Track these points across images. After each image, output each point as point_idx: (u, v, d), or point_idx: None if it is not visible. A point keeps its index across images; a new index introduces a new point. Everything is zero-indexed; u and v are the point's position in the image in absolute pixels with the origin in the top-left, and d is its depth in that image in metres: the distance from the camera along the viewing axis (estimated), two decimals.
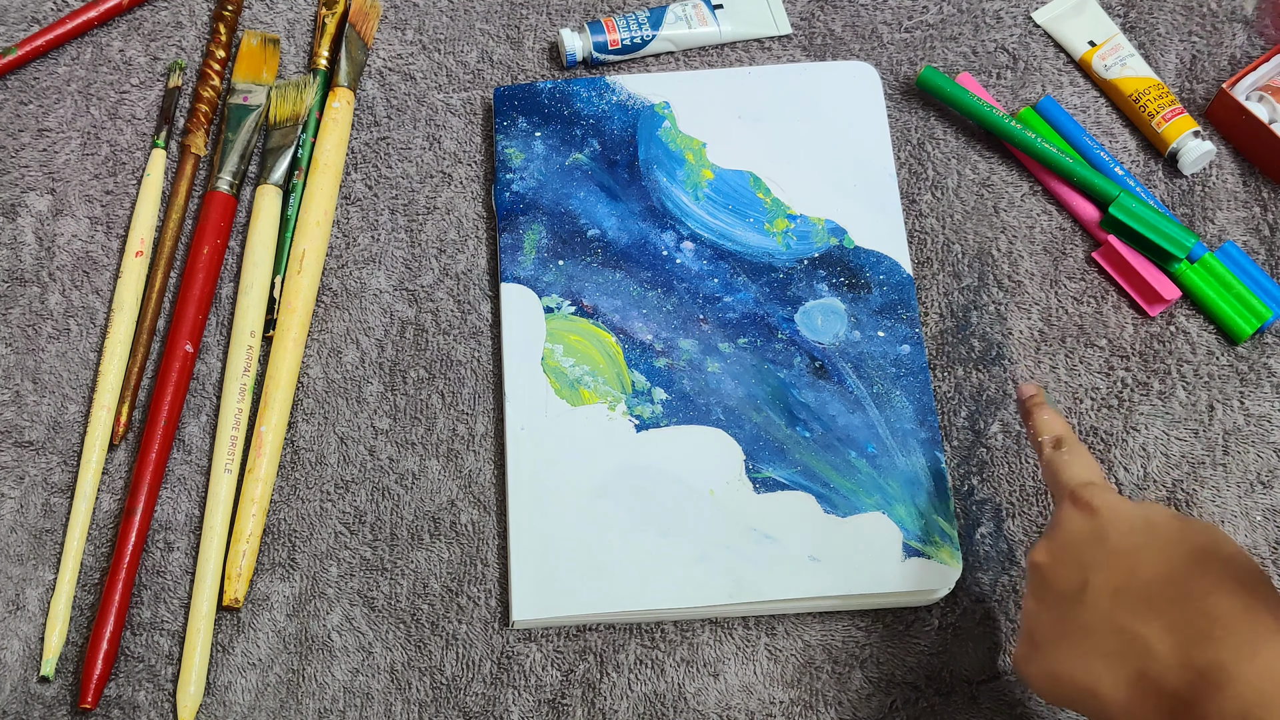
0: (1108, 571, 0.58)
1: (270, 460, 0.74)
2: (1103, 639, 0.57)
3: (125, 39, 0.87)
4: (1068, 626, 0.58)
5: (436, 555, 0.74)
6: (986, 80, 0.86)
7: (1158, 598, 0.56)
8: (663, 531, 0.72)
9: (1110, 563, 0.59)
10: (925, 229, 0.82)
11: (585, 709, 0.70)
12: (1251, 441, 0.76)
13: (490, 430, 0.76)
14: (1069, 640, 0.58)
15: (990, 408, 0.77)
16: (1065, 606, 0.59)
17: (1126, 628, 0.56)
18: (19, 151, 0.83)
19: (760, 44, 0.87)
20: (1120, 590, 0.57)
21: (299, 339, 0.77)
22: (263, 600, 0.73)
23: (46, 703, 0.70)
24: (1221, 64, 0.86)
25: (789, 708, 0.70)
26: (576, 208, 0.80)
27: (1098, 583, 0.58)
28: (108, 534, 0.74)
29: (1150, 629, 0.55)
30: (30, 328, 0.79)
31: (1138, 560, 0.58)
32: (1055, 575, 0.60)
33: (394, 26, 0.88)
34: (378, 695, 0.71)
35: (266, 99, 0.84)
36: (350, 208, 0.82)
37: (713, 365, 0.76)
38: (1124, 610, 0.57)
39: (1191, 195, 0.83)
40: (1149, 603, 0.56)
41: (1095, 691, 0.56)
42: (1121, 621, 0.56)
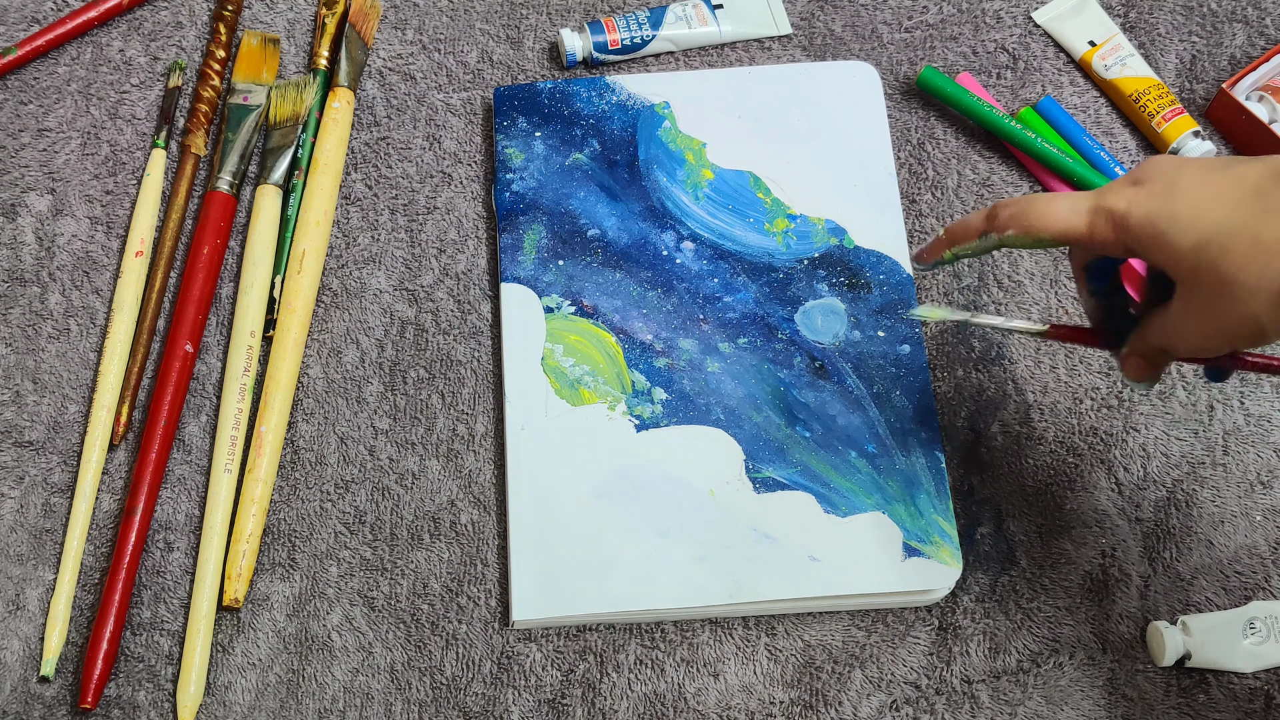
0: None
1: (270, 460, 0.74)
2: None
3: (125, 39, 0.87)
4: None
5: (436, 555, 0.74)
6: (986, 80, 0.86)
7: None
8: (662, 531, 0.72)
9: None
10: (925, 229, 0.82)
11: (585, 709, 0.70)
12: (1251, 441, 0.76)
13: (490, 430, 0.76)
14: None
15: (990, 408, 0.77)
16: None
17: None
18: (19, 151, 0.83)
19: (760, 44, 0.87)
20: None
21: (299, 339, 0.77)
22: (263, 600, 0.73)
23: (46, 703, 0.70)
24: (1221, 64, 0.86)
25: (789, 708, 0.70)
26: (576, 208, 0.80)
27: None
28: (108, 534, 0.74)
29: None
30: (30, 328, 0.79)
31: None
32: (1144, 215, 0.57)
33: (394, 26, 0.88)
34: (378, 695, 0.71)
35: (266, 99, 0.84)
36: (350, 208, 0.82)
37: (713, 365, 0.76)
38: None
39: None
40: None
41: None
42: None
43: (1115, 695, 0.71)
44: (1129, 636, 0.72)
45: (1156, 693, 0.71)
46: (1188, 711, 0.70)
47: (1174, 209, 0.55)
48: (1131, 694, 0.71)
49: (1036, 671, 0.71)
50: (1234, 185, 0.54)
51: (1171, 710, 0.70)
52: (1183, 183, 0.56)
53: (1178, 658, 0.71)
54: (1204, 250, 0.54)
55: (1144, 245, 0.57)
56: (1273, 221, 0.52)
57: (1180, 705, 0.70)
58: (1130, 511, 0.75)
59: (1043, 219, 0.59)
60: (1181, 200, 0.55)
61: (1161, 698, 0.71)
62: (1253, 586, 0.73)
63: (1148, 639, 0.72)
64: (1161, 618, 0.72)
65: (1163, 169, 0.57)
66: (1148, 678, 0.71)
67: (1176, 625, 0.71)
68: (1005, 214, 0.61)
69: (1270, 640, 0.71)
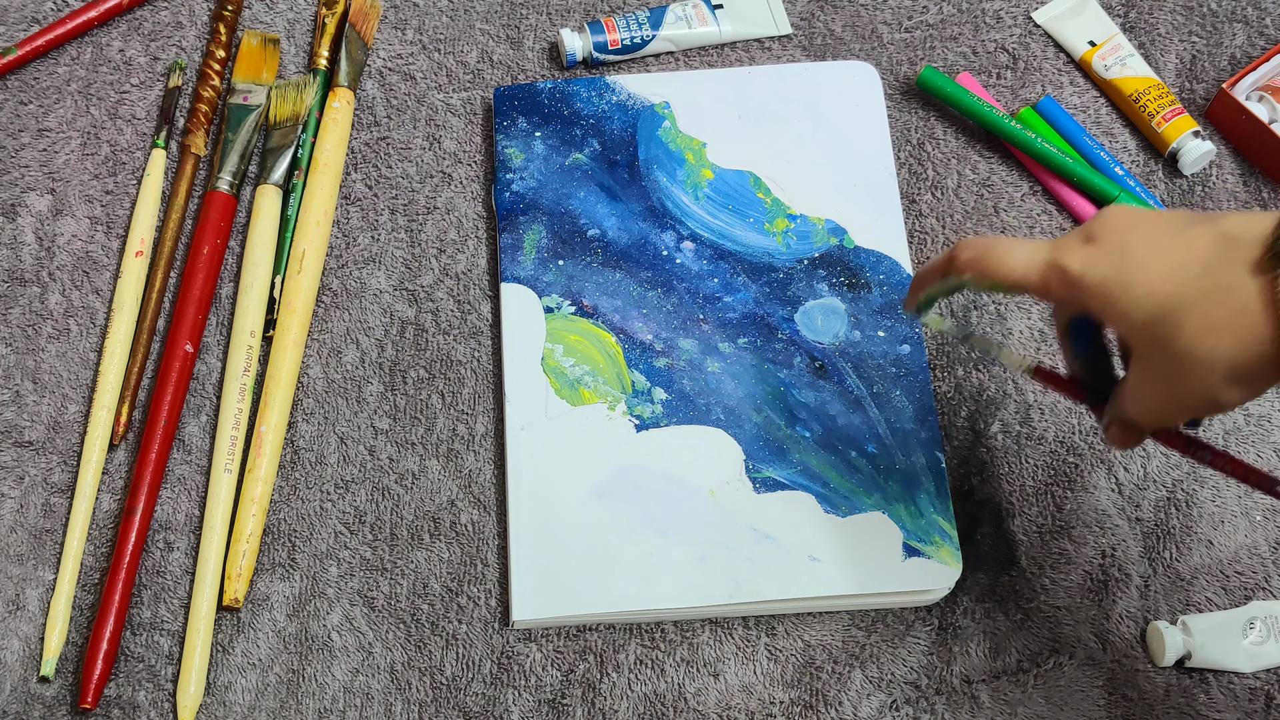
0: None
1: (270, 460, 0.74)
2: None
3: (125, 39, 0.87)
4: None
5: (436, 555, 0.74)
6: (986, 80, 0.86)
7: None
8: (662, 531, 0.72)
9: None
10: (925, 229, 0.82)
11: (585, 709, 0.70)
12: (1251, 441, 0.76)
13: (490, 430, 0.76)
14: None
15: (990, 408, 0.77)
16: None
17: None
18: (19, 151, 0.83)
19: (760, 44, 0.87)
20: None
21: (299, 339, 0.77)
22: (263, 600, 0.73)
23: (46, 703, 0.70)
24: (1221, 64, 0.86)
25: (789, 708, 0.70)
26: (576, 208, 0.80)
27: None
28: (108, 534, 0.74)
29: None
30: (30, 328, 0.79)
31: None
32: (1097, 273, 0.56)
33: (394, 26, 0.88)
34: (378, 695, 0.71)
35: (266, 99, 0.84)
36: (350, 208, 0.82)
37: (713, 365, 0.76)
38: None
39: (1191, 195, 0.83)
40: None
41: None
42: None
43: (1115, 695, 0.71)
44: (1129, 636, 0.72)
45: (1156, 693, 0.71)
46: (1188, 711, 0.70)
47: (1127, 278, 0.54)
48: (1131, 694, 0.71)
49: (1036, 671, 0.71)
50: (1185, 256, 0.53)
51: (1171, 710, 0.70)
52: (1135, 247, 0.55)
53: (1178, 658, 0.71)
54: (1158, 325, 0.54)
55: (1098, 309, 0.56)
56: (1220, 299, 0.52)
57: (1180, 705, 0.70)
58: (1130, 511, 0.75)
59: (999, 266, 0.59)
60: (1135, 269, 0.54)
61: (1161, 698, 0.71)
62: (1253, 586, 0.73)
63: (1148, 639, 0.72)
64: (1161, 618, 0.72)
65: (1116, 227, 0.56)
66: (1148, 678, 0.71)
67: (1176, 625, 0.71)
68: (965, 256, 0.61)
69: (1270, 640, 0.71)
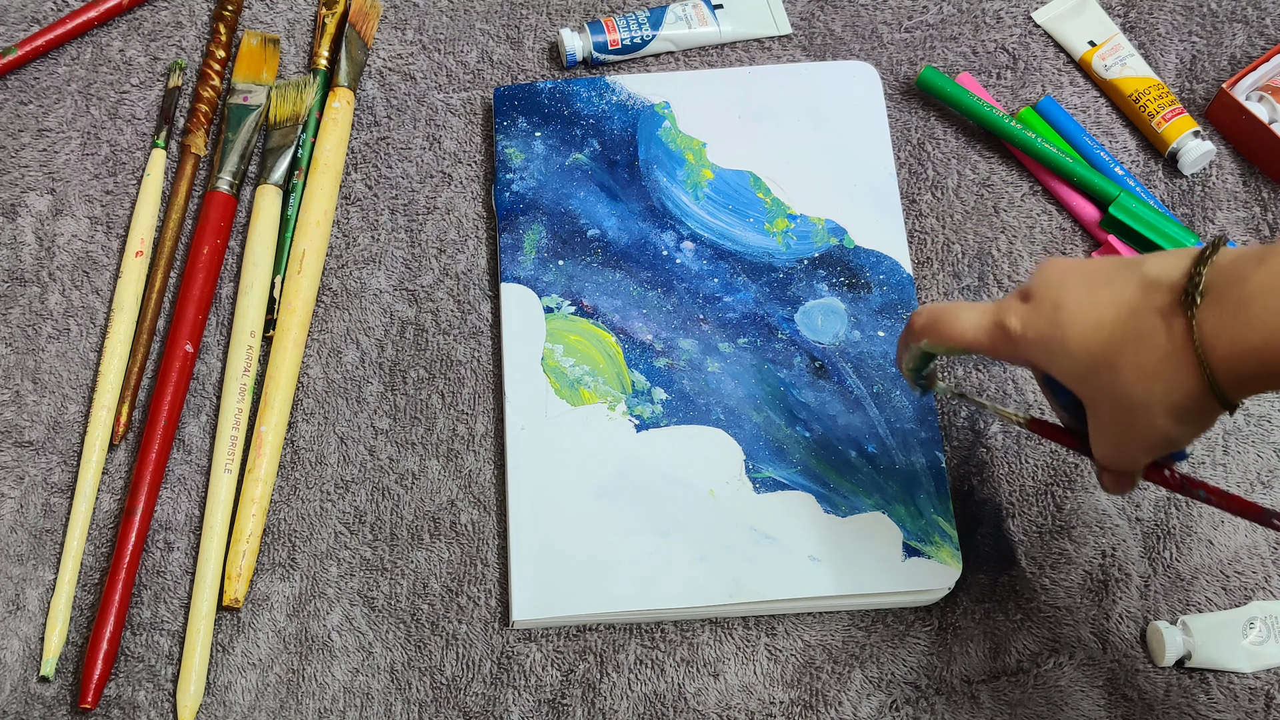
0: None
1: (270, 460, 0.74)
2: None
3: (125, 39, 0.87)
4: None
5: (436, 555, 0.74)
6: (986, 80, 0.86)
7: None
8: (663, 531, 0.72)
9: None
10: (925, 229, 0.82)
11: (585, 709, 0.70)
12: (1251, 441, 0.76)
13: (490, 430, 0.76)
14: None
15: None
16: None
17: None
18: (19, 151, 0.83)
19: (760, 44, 0.87)
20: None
21: (299, 339, 0.77)
22: (263, 600, 0.73)
23: (46, 703, 0.70)
24: (1221, 64, 0.86)
25: (789, 708, 0.70)
26: (576, 208, 0.80)
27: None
28: (108, 534, 0.74)
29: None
30: (30, 328, 0.79)
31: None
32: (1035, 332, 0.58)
33: (394, 26, 0.88)
34: (378, 695, 0.71)
35: (266, 99, 0.84)
36: (350, 208, 0.82)
37: (713, 365, 0.76)
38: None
39: (1191, 195, 0.83)
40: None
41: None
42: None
43: (1115, 695, 0.71)
44: (1129, 636, 0.72)
45: (1156, 693, 0.71)
46: (1188, 711, 0.70)
47: (1062, 333, 0.56)
48: (1131, 694, 0.71)
49: (1036, 671, 0.71)
50: (1113, 306, 0.55)
51: (1171, 710, 0.70)
52: (1068, 302, 0.56)
53: (1178, 658, 0.71)
54: (1096, 375, 0.55)
55: (1040, 364, 0.58)
56: (1147, 345, 0.53)
57: (1180, 705, 0.70)
58: (1130, 511, 0.75)
59: (950, 331, 0.61)
60: (1068, 323, 0.56)
61: (1161, 698, 0.71)
62: (1253, 586, 0.73)
63: (1148, 639, 0.72)
64: (1161, 618, 0.72)
65: (1049, 282, 0.57)
66: (1148, 678, 0.71)
67: (1176, 625, 0.71)
68: (918, 324, 0.63)
69: (1270, 640, 0.71)
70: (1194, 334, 0.51)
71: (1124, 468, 0.60)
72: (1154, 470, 0.61)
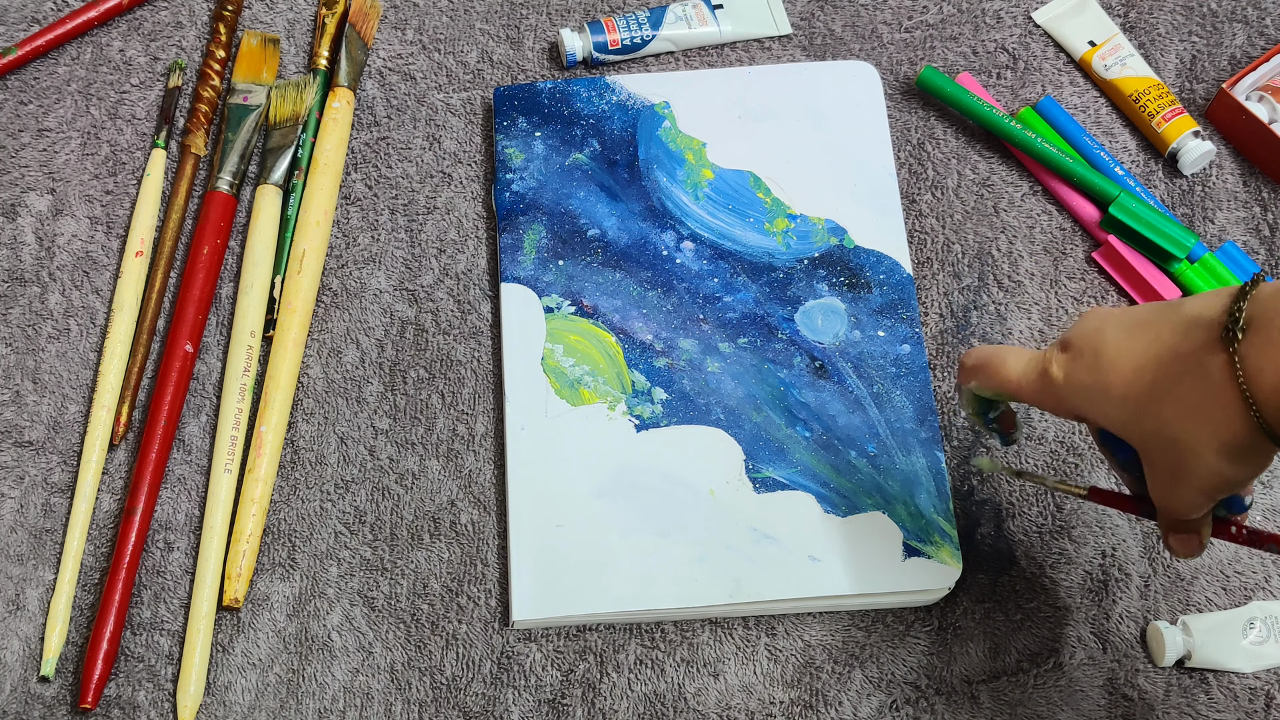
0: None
1: (270, 460, 0.74)
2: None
3: (125, 39, 0.87)
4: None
5: (436, 555, 0.74)
6: (986, 80, 0.86)
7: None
8: (662, 532, 0.72)
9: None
10: (925, 229, 0.82)
11: (585, 709, 0.70)
12: None
13: (490, 430, 0.76)
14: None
15: None
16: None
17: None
18: (19, 151, 0.83)
19: (760, 44, 0.87)
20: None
21: (299, 339, 0.77)
22: (263, 600, 0.73)
23: (46, 703, 0.70)
24: (1221, 64, 0.86)
25: (789, 708, 0.70)
26: (576, 208, 0.80)
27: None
28: (108, 534, 0.74)
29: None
30: (30, 328, 0.79)
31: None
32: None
33: (394, 26, 0.88)
34: (378, 695, 0.71)
35: (266, 99, 0.84)
36: (350, 208, 0.82)
37: (713, 365, 0.76)
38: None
39: (1191, 195, 0.83)
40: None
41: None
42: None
43: (1115, 695, 0.71)
44: (1129, 636, 0.72)
45: (1156, 693, 0.71)
46: (1188, 711, 0.70)
47: (1105, 380, 0.55)
48: (1131, 694, 0.71)
49: (1036, 671, 0.71)
50: (1154, 347, 0.54)
51: (1171, 710, 0.70)
52: (1108, 349, 0.56)
53: (1178, 658, 0.71)
54: (1142, 420, 0.54)
55: (1087, 415, 0.58)
56: (1191, 384, 0.52)
57: (1180, 705, 0.70)
58: None
59: (996, 375, 0.61)
60: (1109, 369, 0.55)
61: (1161, 698, 0.71)
62: (1253, 586, 0.73)
63: (1148, 639, 0.72)
64: (1161, 618, 0.72)
65: (1088, 331, 0.57)
66: (1148, 678, 0.71)
67: (1176, 625, 0.71)
68: (968, 363, 0.63)
69: (1270, 640, 0.71)
70: (1237, 369, 0.50)
71: (1184, 514, 0.58)
72: (1221, 527, 0.60)
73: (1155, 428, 0.54)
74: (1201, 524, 0.59)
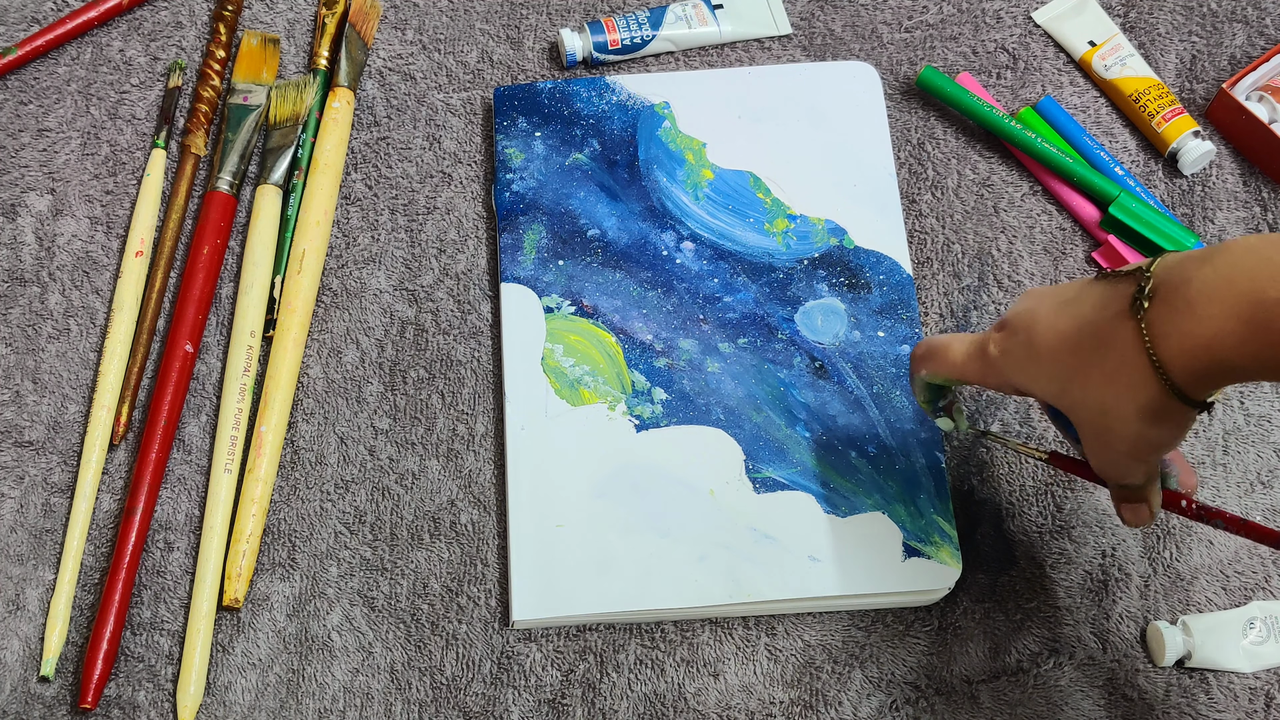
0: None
1: (270, 460, 0.74)
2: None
3: (125, 39, 0.87)
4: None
5: (436, 555, 0.74)
6: (986, 80, 0.86)
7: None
8: (663, 531, 0.72)
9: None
10: (925, 229, 0.82)
11: (585, 709, 0.70)
12: (1251, 441, 0.76)
13: (490, 430, 0.76)
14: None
15: (990, 408, 0.77)
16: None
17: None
18: (19, 151, 0.83)
19: (760, 44, 0.87)
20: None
21: (299, 339, 0.77)
22: (263, 600, 0.73)
23: (46, 703, 0.70)
24: (1221, 64, 0.86)
25: (789, 708, 0.70)
26: (576, 208, 0.80)
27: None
28: (108, 534, 0.74)
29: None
30: (30, 328, 0.79)
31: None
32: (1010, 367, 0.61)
33: (394, 26, 0.88)
34: (378, 695, 0.71)
35: (266, 99, 0.84)
36: (350, 208, 0.82)
37: (713, 365, 0.76)
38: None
39: (1191, 195, 0.83)
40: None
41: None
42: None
43: (1115, 695, 0.71)
44: (1129, 636, 0.72)
45: (1156, 693, 0.71)
46: (1188, 711, 0.70)
47: (1037, 354, 0.59)
48: (1131, 694, 0.71)
49: (1036, 671, 0.71)
50: (1076, 320, 0.57)
51: (1171, 710, 0.70)
52: (1039, 324, 0.59)
53: (1178, 658, 0.71)
54: (1070, 389, 0.58)
55: (1022, 387, 0.61)
56: (1107, 351, 0.55)
57: (1180, 705, 0.70)
58: None
59: (943, 361, 0.64)
60: (1039, 344, 0.58)
61: (1161, 698, 0.71)
62: (1253, 586, 0.73)
63: (1148, 639, 0.72)
64: (1161, 618, 0.72)
65: (1022, 309, 0.61)
66: (1148, 678, 0.71)
67: (1176, 625, 0.71)
68: (916, 354, 0.66)
69: (1270, 640, 0.71)
70: (1144, 336, 0.53)
71: (1119, 478, 0.61)
72: (1172, 499, 0.63)
73: (1082, 397, 0.57)
74: (1149, 493, 0.62)
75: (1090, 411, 0.57)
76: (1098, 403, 0.56)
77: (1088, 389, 0.57)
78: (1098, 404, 0.57)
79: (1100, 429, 0.58)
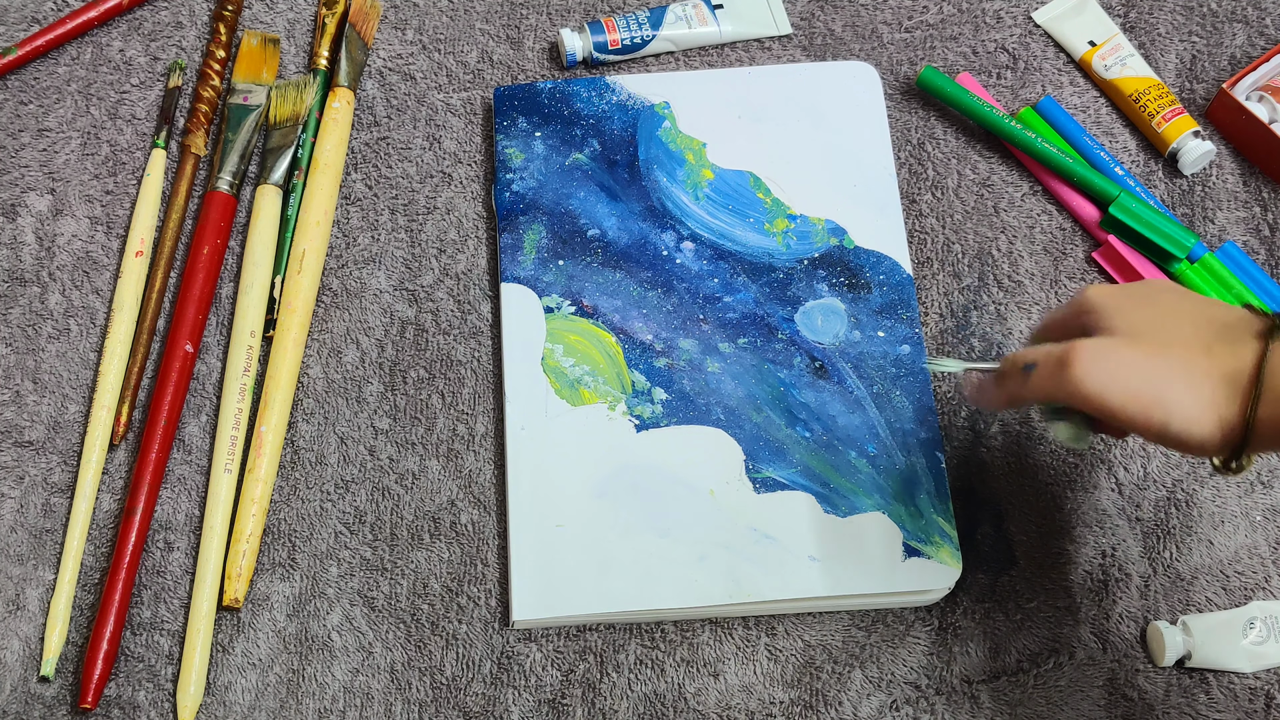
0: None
1: (270, 460, 0.74)
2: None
3: (125, 39, 0.87)
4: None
5: (436, 555, 0.74)
6: (986, 80, 0.86)
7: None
8: (663, 531, 0.72)
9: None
10: (925, 229, 0.82)
11: (585, 709, 0.70)
12: None
13: (490, 430, 0.76)
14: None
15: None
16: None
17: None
18: (19, 151, 0.83)
19: (760, 44, 0.87)
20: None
21: (299, 339, 0.77)
22: (263, 600, 0.73)
23: (46, 703, 0.70)
24: (1221, 64, 0.86)
25: (789, 708, 0.70)
26: (576, 208, 0.80)
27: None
28: (108, 534, 0.74)
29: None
30: (30, 328, 0.79)
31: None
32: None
33: (394, 26, 0.88)
34: (378, 695, 0.71)
35: (266, 99, 0.84)
36: (350, 208, 0.82)
37: (713, 365, 0.76)
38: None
39: (1191, 195, 0.83)
40: None
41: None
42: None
43: (1115, 695, 0.71)
44: (1129, 636, 0.72)
45: (1156, 693, 0.71)
46: (1188, 711, 0.70)
47: (1161, 319, 0.60)
48: (1131, 694, 0.71)
49: (1036, 671, 0.71)
50: (1210, 308, 0.60)
51: (1171, 710, 0.70)
52: (1164, 298, 0.61)
53: (1178, 658, 0.71)
54: (1173, 347, 0.58)
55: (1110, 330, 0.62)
56: (1222, 348, 0.57)
57: (1180, 705, 0.70)
58: (1130, 511, 0.75)
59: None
60: (1166, 309, 0.60)
61: (1161, 698, 0.71)
62: (1253, 586, 0.73)
63: (1148, 639, 0.72)
64: (1161, 618, 0.72)
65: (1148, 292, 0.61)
66: (1148, 678, 0.71)
67: (1176, 625, 0.71)
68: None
69: (1270, 640, 0.71)
70: (1265, 359, 0.56)
71: (1075, 397, 0.60)
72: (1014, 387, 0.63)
73: (1179, 355, 0.57)
74: (1022, 398, 0.63)
75: (1167, 368, 0.57)
76: (1182, 373, 0.57)
77: (1187, 358, 0.57)
78: (1181, 373, 0.57)
79: (1160, 386, 0.57)
